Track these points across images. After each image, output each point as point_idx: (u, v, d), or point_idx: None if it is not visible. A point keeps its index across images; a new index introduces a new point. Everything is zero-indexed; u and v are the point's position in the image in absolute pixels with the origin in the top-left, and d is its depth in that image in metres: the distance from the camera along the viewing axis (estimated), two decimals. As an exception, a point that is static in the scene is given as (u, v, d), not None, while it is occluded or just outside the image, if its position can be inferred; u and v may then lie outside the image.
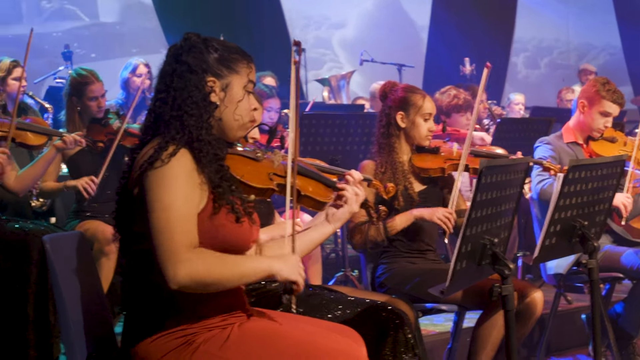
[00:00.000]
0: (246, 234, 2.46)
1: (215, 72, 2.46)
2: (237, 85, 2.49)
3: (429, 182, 3.98)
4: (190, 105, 2.40)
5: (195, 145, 2.37)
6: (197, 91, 2.42)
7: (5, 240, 3.93)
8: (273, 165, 2.78)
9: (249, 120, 2.54)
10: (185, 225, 2.27)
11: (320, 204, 2.83)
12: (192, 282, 2.24)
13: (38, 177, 4.40)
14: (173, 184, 2.28)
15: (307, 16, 12.42)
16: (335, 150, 5.45)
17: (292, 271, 2.39)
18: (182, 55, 2.45)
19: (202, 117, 2.41)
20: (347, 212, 2.79)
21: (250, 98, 2.53)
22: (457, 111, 5.97)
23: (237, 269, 2.32)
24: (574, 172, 3.17)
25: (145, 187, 2.30)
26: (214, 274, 2.26)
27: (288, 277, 2.39)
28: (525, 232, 6.14)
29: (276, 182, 2.72)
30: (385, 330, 3.00)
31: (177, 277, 2.22)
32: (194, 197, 2.33)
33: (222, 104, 2.47)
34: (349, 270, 5.72)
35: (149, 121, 2.47)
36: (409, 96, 3.92)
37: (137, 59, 6.59)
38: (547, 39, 14.61)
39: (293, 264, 2.41)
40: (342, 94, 9.47)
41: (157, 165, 2.29)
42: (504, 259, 2.69)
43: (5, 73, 5.56)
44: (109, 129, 4.74)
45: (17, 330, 3.85)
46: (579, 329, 5.10)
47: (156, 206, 2.27)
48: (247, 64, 2.52)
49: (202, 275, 2.24)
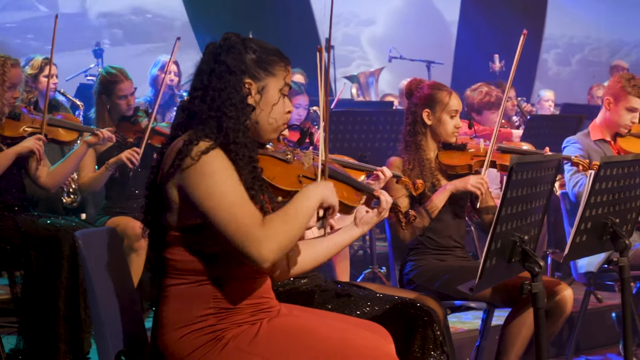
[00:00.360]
0: None
1: (252, 74, 2.46)
2: (273, 88, 2.49)
3: (455, 179, 3.97)
4: (229, 107, 2.40)
5: (231, 148, 2.37)
6: (235, 93, 2.42)
7: (37, 236, 3.97)
8: (303, 167, 2.77)
9: (282, 123, 2.54)
10: (246, 207, 2.30)
11: (349, 207, 2.83)
12: (279, 252, 2.30)
13: (69, 173, 4.44)
14: (216, 174, 2.29)
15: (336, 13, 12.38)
16: (364, 147, 5.44)
17: (333, 195, 2.47)
18: (221, 55, 2.45)
19: (240, 119, 2.41)
20: (375, 216, 2.80)
21: (285, 101, 2.53)
22: (489, 108, 5.96)
23: (301, 214, 2.38)
24: (605, 169, 3.15)
25: (188, 185, 2.29)
26: (291, 233, 2.33)
27: (331, 201, 2.47)
28: (555, 229, 6.11)
29: (305, 184, 2.72)
30: (414, 327, 3.00)
31: (264, 256, 2.26)
32: (238, 179, 2.34)
33: (257, 106, 2.47)
34: (376, 267, 5.72)
35: (181, 118, 2.47)
36: (434, 93, 3.91)
37: (166, 56, 6.62)
38: (577, 36, 14.47)
39: (332, 188, 2.48)
40: (370, 91, 9.45)
41: (190, 163, 2.28)
42: (534, 256, 2.68)
43: (37, 70, 5.62)
44: (137, 126, 4.78)
45: (48, 325, 3.89)
46: (609, 327, 5.06)
47: (212, 197, 2.27)
48: (285, 67, 2.52)
49: (282, 241, 2.30)
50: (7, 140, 4.21)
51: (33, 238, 3.96)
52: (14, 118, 4.24)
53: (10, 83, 4.14)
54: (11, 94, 4.17)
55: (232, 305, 2.39)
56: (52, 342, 3.88)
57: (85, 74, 8.14)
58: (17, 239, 3.97)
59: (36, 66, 5.65)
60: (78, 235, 2.64)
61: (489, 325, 4.01)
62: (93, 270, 2.60)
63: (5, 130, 4.20)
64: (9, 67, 4.12)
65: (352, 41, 12.37)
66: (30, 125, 4.27)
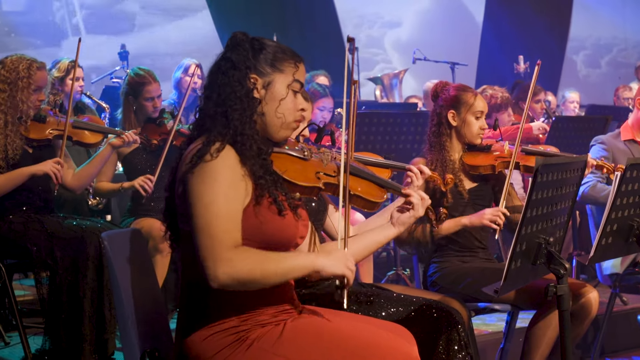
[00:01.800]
0: (291, 228, 2.46)
1: (258, 69, 2.47)
2: (280, 83, 2.49)
3: (479, 180, 3.96)
4: (233, 100, 2.42)
5: (238, 139, 2.38)
6: (240, 87, 2.43)
7: (63, 237, 4.00)
8: (322, 164, 2.77)
9: (293, 119, 2.53)
10: (227, 224, 2.28)
11: (372, 203, 2.82)
12: (232, 281, 2.24)
13: (94, 174, 4.47)
14: (215, 182, 2.30)
15: (360, 14, 12.40)
16: (388, 148, 5.44)
17: (338, 265, 2.37)
18: (227, 52, 2.49)
19: (246, 112, 2.42)
20: (412, 216, 2.80)
21: (297, 98, 2.53)
22: (497, 110, 5.98)
23: (280, 266, 2.31)
24: (632, 171, 3.12)
25: (188, 184, 2.32)
26: (255, 272, 2.26)
27: (334, 271, 2.37)
28: (580, 231, 6.07)
29: (323, 180, 2.71)
30: (438, 329, 2.99)
31: (217, 276, 2.23)
32: (237, 195, 2.34)
33: (263, 101, 2.48)
34: (400, 269, 5.71)
35: (197, 118, 2.50)
36: (460, 95, 3.91)
37: (190, 60, 6.65)
38: (605, 37, 14.36)
39: (339, 258, 2.38)
40: (394, 93, 9.44)
41: (201, 161, 2.31)
42: (560, 258, 2.66)
43: (63, 73, 5.67)
44: (163, 128, 4.79)
45: (74, 325, 3.92)
46: (634, 330, 5.03)
47: (198, 204, 2.29)
48: (294, 64, 2.52)
49: (242, 274, 2.25)
50: (32, 143, 4.25)
51: (59, 239, 4.00)
52: (40, 120, 4.27)
53: (35, 86, 4.17)
54: (37, 96, 4.20)
55: (255, 306, 2.40)
56: (77, 342, 3.91)
57: (111, 77, 8.19)
58: (44, 240, 4.00)
59: (63, 69, 5.70)
60: (104, 237, 2.66)
61: (513, 328, 3.99)
62: (118, 271, 2.61)
63: (31, 133, 4.23)
64: (34, 70, 4.16)
65: (376, 43, 12.36)
66: (55, 128, 4.29)
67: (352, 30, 11.75)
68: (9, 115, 4.12)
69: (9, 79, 4.11)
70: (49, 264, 3.99)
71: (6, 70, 4.12)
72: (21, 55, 4.22)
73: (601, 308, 3.90)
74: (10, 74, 4.11)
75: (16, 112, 4.14)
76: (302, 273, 2.36)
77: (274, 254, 2.34)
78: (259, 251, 2.32)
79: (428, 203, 2.84)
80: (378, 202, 2.82)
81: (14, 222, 4.08)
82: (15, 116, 4.14)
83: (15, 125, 4.14)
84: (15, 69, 4.12)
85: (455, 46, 11.82)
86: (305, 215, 2.56)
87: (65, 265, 3.96)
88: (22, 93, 4.12)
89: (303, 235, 2.55)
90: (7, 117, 4.12)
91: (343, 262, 2.38)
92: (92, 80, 8.15)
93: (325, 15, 11.65)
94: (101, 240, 2.68)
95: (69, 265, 3.96)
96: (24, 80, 4.12)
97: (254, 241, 2.37)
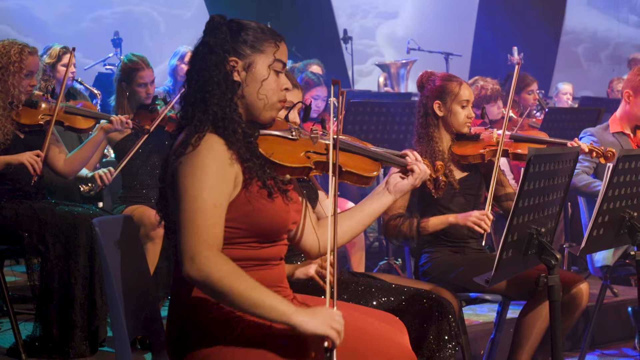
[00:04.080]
0: (282, 214, 2.44)
1: (237, 51, 2.44)
2: (261, 64, 2.46)
3: (469, 170, 3.95)
4: (212, 85, 2.39)
5: (220, 125, 2.36)
6: (217, 71, 2.40)
7: (54, 223, 3.99)
8: (311, 143, 2.72)
9: (277, 99, 2.50)
10: (210, 219, 2.27)
11: (365, 178, 2.74)
12: (201, 280, 2.22)
13: (87, 159, 4.46)
14: (201, 175, 2.29)
15: (354, 4, 12.38)
16: (380, 138, 5.44)
17: (319, 325, 2.20)
18: (205, 37, 2.46)
19: (225, 95, 2.40)
20: (409, 184, 2.78)
21: (280, 78, 2.50)
22: (487, 102, 5.99)
23: (252, 293, 2.20)
24: (624, 162, 3.13)
25: (175, 176, 2.31)
26: (225, 284, 2.20)
27: (315, 331, 2.20)
28: (572, 222, 6.09)
29: (314, 159, 2.67)
30: (429, 319, 3.00)
31: (190, 270, 2.22)
32: (224, 189, 2.32)
33: (244, 83, 2.45)
34: (392, 259, 5.72)
35: (182, 107, 2.48)
36: (445, 84, 3.91)
37: (186, 47, 6.63)
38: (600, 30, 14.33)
39: (323, 317, 2.22)
40: (400, 83, 9.42)
41: (187, 152, 2.30)
42: (551, 249, 2.67)
43: (55, 59, 5.66)
44: (155, 115, 4.78)
45: (65, 312, 3.92)
46: (624, 321, 5.04)
47: (183, 197, 2.28)
48: (275, 43, 2.48)
49: (212, 279, 2.21)
50: (24, 128, 4.23)
51: (50, 225, 3.99)
52: (31, 106, 4.26)
53: (27, 70, 4.16)
54: (28, 81, 4.19)
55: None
56: (68, 329, 3.91)
57: (104, 63, 8.17)
58: (35, 226, 3.99)
59: (54, 55, 5.69)
60: (95, 223, 2.66)
61: (504, 318, 4.00)
62: (110, 258, 2.61)
63: (23, 118, 4.21)
64: (26, 55, 4.15)
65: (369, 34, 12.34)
66: (47, 113, 4.28)
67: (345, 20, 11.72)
68: (0, 100, 4.11)
69: (0, 63, 4.10)
70: (40, 250, 3.98)
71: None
72: (13, 40, 4.21)
73: (592, 299, 3.92)
74: (2, 58, 4.10)
75: (7, 97, 4.13)
76: (272, 317, 2.21)
77: (253, 281, 2.23)
78: (241, 270, 2.25)
79: (427, 175, 2.82)
80: (371, 176, 2.74)
81: (5, 208, 4.06)
82: (6, 100, 4.13)
83: (6, 110, 4.13)
84: (7, 54, 4.10)
85: (449, 37, 11.81)
86: (297, 198, 2.55)
87: (57, 251, 3.95)
88: (14, 77, 4.12)
89: (296, 220, 2.54)
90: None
91: (327, 322, 2.21)
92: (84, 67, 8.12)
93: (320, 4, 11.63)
94: (93, 227, 2.67)
95: (60, 251, 3.95)
96: (15, 65, 4.11)
97: (245, 229, 2.36)
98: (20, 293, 4.99)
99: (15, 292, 4.92)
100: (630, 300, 5.19)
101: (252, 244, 2.39)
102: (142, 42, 9.59)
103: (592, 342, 4.76)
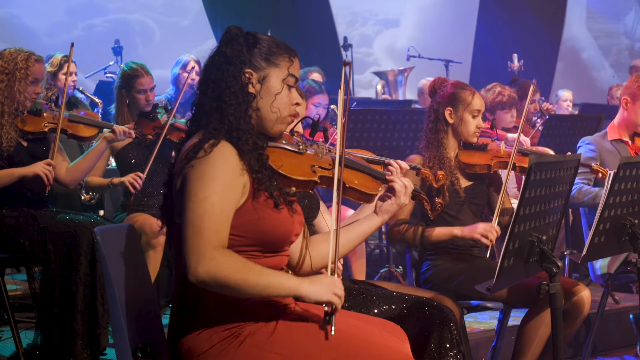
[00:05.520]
0: (286, 225, 2.46)
1: (252, 64, 2.46)
2: (275, 78, 2.48)
3: (475, 179, 3.96)
4: (228, 96, 2.41)
5: (234, 135, 2.38)
6: (234, 82, 2.42)
7: (56, 231, 3.99)
8: (317, 157, 2.76)
9: (288, 114, 2.52)
10: (216, 223, 2.28)
11: (367, 195, 2.80)
12: (210, 280, 2.24)
13: (89, 169, 4.46)
14: (213, 180, 2.30)
15: (354, 12, 12.39)
16: (382, 146, 5.44)
17: (323, 292, 2.33)
18: (222, 47, 2.47)
19: (241, 106, 2.41)
20: (395, 204, 2.79)
21: (291, 92, 2.52)
22: (502, 108, 5.96)
23: (261, 279, 2.28)
24: (625, 170, 3.13)
25: (185, 178, 2.32)
26: (236, 278, 2.25)
27: (319, 299, 2.33)
28: (573, 230, 6.08)
29: (319, 174, 2.70)
30: (431, 326, 2.99)
31: (197, 273, 2.23)
32: (233, 196, 2.34)
33: (258, 95, 2.47)
34: (393, 267, 5.72)
35: (193, 114, 2.50)
36: (458, 92, 3.91)
37: (189, 55, 6.64)
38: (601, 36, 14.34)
39: (326, 285, 2.34)
40: (398, 90, 9.43)
41: (200, 156, 2.31)
42: (552, 257, 2.67)
43: (56, 68, 5.68)
44: (156, 123, 4.79)
45: (66, 320, 3.91)
46: (626, 329, 5.04)
47: (193, 198, 2.28)
48: (289, 58, 2.51)
49: (222, 276, 2.24)
50: (27, 136, 4.25)
51: (52, 234, 3.99)
52: (35, 114, 4.28)
53: (33, 77, 4.19)
54: (33, 88, 4.21)
55: (248, 302, 2.39)
56: (69, 337, 3.90)
57: (105, 72, 8.18)
58: (36, 234, 4.00)
59: (55, 64, 5.71)
60: (97, 232, 2.66)
61: (505, 326, 4.00)
62: (111, 267, 2.61)
63: (27, 126, 4.24)
64: (32, 62, 4.18)
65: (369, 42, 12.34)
66: (51, 121, 4.30)
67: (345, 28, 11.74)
68: (5, 106, 4.13)
69: (7, 69, 4.13)
70: (42, 259, 3.98)
71: (4, 61, 4.15)
72: (19, 48, 4.25)
73: (593, 306, 3.91)
74: (9, 64, 4.13)
75: (13, 103, 4.15)
76: (283, 294, 2.33)
77: (258, 266, 2.32)
78: (244, 259, 2.30)
79: (411, 190, 2.83)
80: (373, 194, 2.80)
81: (7, 216, 4.07)
82: (11, 107, 4.15)
83: (11, 117, 4.15)
84: (14, 60, 4.14)
85: (449, 44, 11.83)
86: (300, 210, 2.56)
87: (58, 260, 3.95)
88: (20, 84, 4.14)
89: (297, 232, 2.55)
90: (3, 107, 4.13)
91: (330, 288, 2.34)
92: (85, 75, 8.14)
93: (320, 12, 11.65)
94: (94, 236, 2.67)
95: (61, 260, 3.95)
96: (22, 72, 4.14)
97: (249, 238, 2.37)
98: (21, 301, 4.99)
99: (16, 301, 4.91)
100: (632, 307, 5.18)
101: (254, 252, 2.40)
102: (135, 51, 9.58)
103: (593, 350, 4.76)
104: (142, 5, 10.73)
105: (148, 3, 10.75)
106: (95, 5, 10.36)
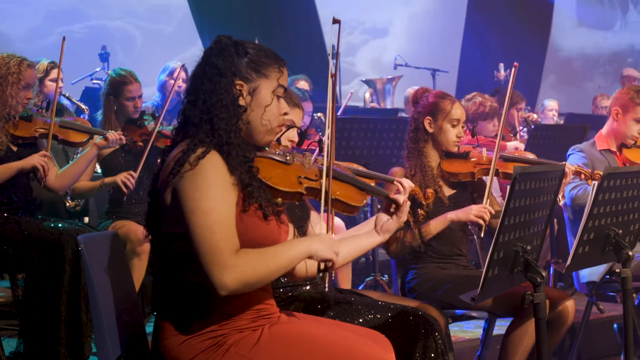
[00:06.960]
0: (274, 234, 2.46)
1: (243, 75, 2.46)
2: (266, 89, 2.48)
3: (458, 187, 3.97)
4: (220, 109, 2.40)
5: (224, 149, 2.37)
6: (226, 94, 2.42)
7: (40, 239, 3.98)
8: (304, 168, 2.76)
9: (277, 125, 2.53)
10: (227, 230, 2.29)
11: (352, 207, 2.82)
12: (240, 285, 2.27)
13: (78, 175, 4.46)
14: (210, 188, 2.29)
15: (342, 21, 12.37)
16: (368, 154, 5.44)
17: (328, 250, 2.44)
18: (212, 57, 2.46)
19: (232, 120, 2.41)
20: (395, 223, 2.82)
21: (280, 103, 2.52)
22: (484, 119, 5.97)
23: (280, 258, 2.35)
24: (609, 180, 3.14)
25: (180, 191, 2.30)
26: (260, 271, 2.30)
27: (325, 255, 2.44)
28: (557, 239, 6.10)
29: (305, 185, 2.70)
30: (415, 336, 2.99)
31: (226, 284, 2.24)
32: (231, 195, 2.34)
33: (249, 107, 2.46)
34: (378, 275, 5.71)
35: (180, 123, 2.49)
36: (438, 102, 3.93)
37: (176, 62, 6.63)
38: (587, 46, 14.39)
39: (329, 242, 2.46)
40: (386, 98, 9.44)
41: (188, 169, 2.30)
42: (537, 267, 2.67)
43: (42, 74, 5.67)
44: (144, 129, 4.79)
45: (49, 328, 3.89)
46: (610, 338, 5.05)
47: (196, 213, 2.27)
48: (279, 69, 2.51)
49: (249, 276, 2.27)
50: (17, 141, 4.26)
51: (36, 241, 3.97)
52: (26, 119, 4.30)
53: (25, 82, 4.20)
54: (25, 94, 4.22)
55: (233, 311, 2.39)
56: (52, 345, 3.88)
57: (91, 78, 8.15)
58: (20, 241, 3.98)
59: (42, 70, 5.69)
60: (81, 239, 2.65)
61: (490, 335, 4.00)
62: (95, 274, 2.60)
63: (18, 130, 4.25)
64: (25, 67, 4.19)
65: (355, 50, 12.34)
66: (42, 127, 4.32)
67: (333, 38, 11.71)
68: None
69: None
70: (25, 266, 3.96)
71: None
72: (12, 53, 4.27)
73: (578, 316, 3.93)
74: (1, 69, 4.15)
75: (5, 108, 4.16)
76: (301, 258, 2.43)
77: (271, 250, 2.36)
78: (256, 250, 2.33)
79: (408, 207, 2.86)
80: (358, 206, 2.82)
81: (-10, 224, 4.05)
82: (3, 111, 4.16)
83: (2, 121, 4.16)
84: (6, 65, 4.16)
85: (436, 53, 11.85)
86: (286, 220, 2.57)
87: (42, 267, 3.93)
88: (12, 88, 4.15)
89: (284, 240, 2.55)
90: None
91: (332, 246, 2.46)
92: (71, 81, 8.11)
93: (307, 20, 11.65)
94: (78, 244, 2.66)
95: (45, 267, 3.93)
96: (14, 76, 4.15)
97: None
98: (4, 308, 4.95)
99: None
100: (616, 316, 5.20)
101: None
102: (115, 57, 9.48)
103: (578, 359, 4.77)
104: (126, 12, 10.68)
105: (132, 9, 10.70)
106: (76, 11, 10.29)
